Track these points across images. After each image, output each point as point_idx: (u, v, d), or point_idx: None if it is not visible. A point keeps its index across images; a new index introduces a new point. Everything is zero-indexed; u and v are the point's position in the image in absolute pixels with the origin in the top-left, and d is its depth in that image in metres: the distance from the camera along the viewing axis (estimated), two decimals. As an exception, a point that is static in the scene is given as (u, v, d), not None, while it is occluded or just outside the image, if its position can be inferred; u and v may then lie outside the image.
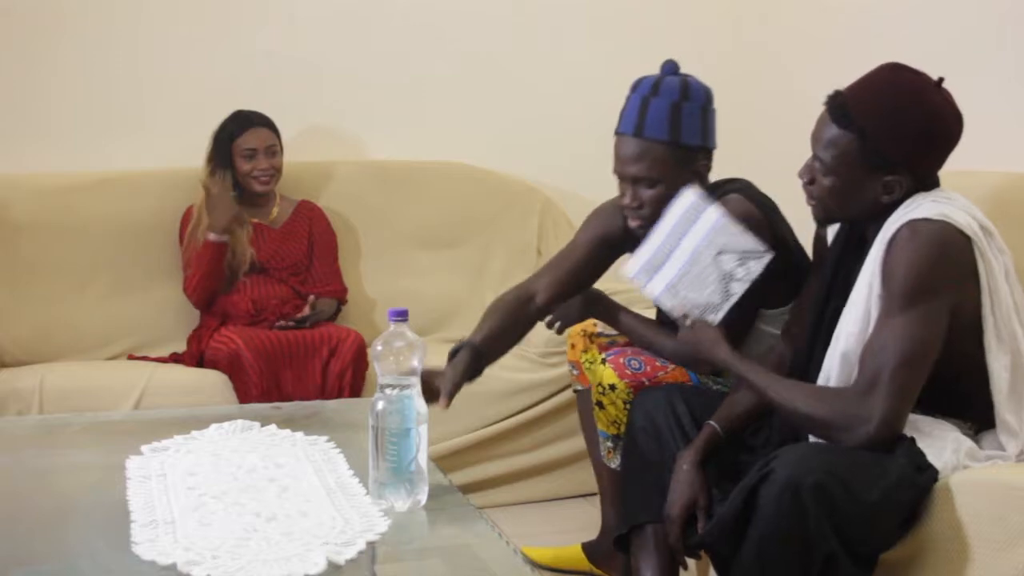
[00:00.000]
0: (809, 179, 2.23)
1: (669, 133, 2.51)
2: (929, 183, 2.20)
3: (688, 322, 2.39)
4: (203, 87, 4.01)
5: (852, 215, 2.24)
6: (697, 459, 2.30)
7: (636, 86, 2.59)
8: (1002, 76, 3.27)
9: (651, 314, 2.78)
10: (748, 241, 2.35)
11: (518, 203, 4.19)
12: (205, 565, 1.74)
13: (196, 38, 4.04)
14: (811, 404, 2.11)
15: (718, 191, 2.60)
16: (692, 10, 4.40)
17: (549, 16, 4.33)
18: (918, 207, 2.12)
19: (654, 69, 2.61)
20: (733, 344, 2.34)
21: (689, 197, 2.43)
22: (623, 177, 2.60)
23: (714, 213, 2.37)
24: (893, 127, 2.13)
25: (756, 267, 2.34)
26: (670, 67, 2.58)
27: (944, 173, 2.24)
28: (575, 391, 3.07)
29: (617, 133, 2.59)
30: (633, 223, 2.62)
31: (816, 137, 2.20)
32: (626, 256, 2.63)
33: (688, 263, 2.37)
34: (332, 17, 4.14)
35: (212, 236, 3.65)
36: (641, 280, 2.44)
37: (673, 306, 2.40)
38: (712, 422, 2.36)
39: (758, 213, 2.52)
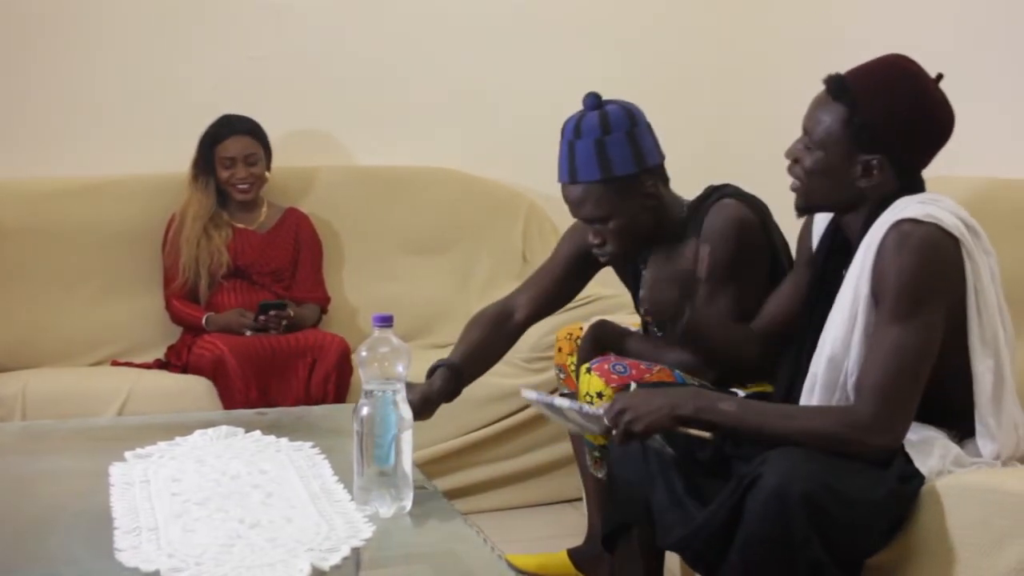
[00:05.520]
0: (794, 159, 2.23)
1: (600, 171, 2.54)
2: (911, 181, 2.19)
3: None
4: (189, 93, 4.00)
5: (831, 199, 2.23)
6: None
7: (563, 130, 2.61)
8: (988, 81, 3.28)
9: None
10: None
11: (503, 208, 4.19)
12: (188, 572, 1.73)
13: (182, 44, 4.03)
14: (821, 423, 2.08)
15: (709, 198, 2.62)
16: (676, 16, 4.40)
17: (534, 22, 4.33)
18: (904, 208, 2.11)
19: (638, 73, 2.63)
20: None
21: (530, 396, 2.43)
22: (579, 219, 2.67)
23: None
24: (884, 103, 2.13)
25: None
26: (591, 101, 2.59)
27: (929, 179, 2.24)
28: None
29: (559, 181, 2.63)
30: (602, 260, 2.71)
31: (808, 114, 2.21)
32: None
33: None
34: (318, 23, 4.14)
35: (206, 322, 3.63)
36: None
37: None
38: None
39: (753, 217, 2.58)
